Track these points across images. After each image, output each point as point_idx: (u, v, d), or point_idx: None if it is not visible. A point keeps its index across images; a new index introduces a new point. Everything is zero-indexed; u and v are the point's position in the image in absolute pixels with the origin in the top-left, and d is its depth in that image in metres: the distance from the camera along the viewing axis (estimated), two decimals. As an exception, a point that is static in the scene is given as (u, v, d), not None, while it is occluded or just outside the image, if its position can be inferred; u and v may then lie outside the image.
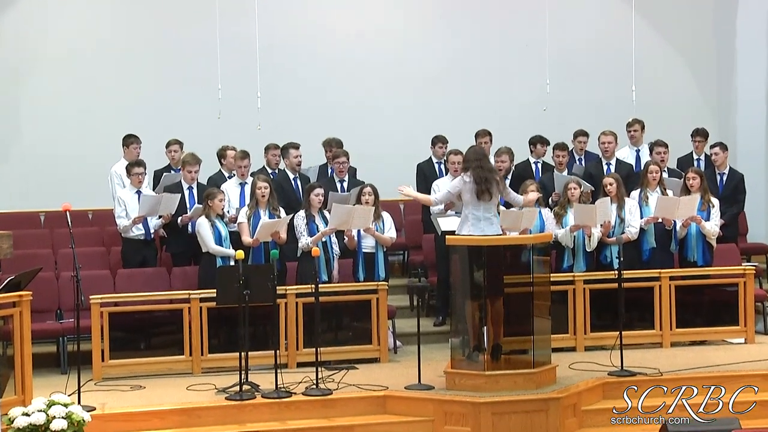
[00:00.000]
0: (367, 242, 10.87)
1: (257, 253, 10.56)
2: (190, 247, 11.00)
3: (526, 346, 9.23)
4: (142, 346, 10.50)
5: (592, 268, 11.00)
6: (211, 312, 10.07)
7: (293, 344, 10.26)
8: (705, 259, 11.23)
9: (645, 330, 10.93)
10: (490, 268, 9.07)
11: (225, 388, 9.26)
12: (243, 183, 11.32)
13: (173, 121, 13.57)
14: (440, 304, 11.75)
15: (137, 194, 11.19)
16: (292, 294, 10.27)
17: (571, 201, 11.10)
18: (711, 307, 11.27)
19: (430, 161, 12.57)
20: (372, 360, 10.46)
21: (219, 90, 12.98)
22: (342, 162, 11.75)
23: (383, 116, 14.62)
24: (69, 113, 14.02)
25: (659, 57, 15.33)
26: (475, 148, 9.74)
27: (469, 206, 9.27)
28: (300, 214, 10.74)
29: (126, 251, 11.35)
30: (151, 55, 14.26)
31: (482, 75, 14.99)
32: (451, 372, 9.23)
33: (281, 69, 14.24)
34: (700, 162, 12.72)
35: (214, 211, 10.59)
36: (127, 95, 14.08)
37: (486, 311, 9.09)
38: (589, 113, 14.25)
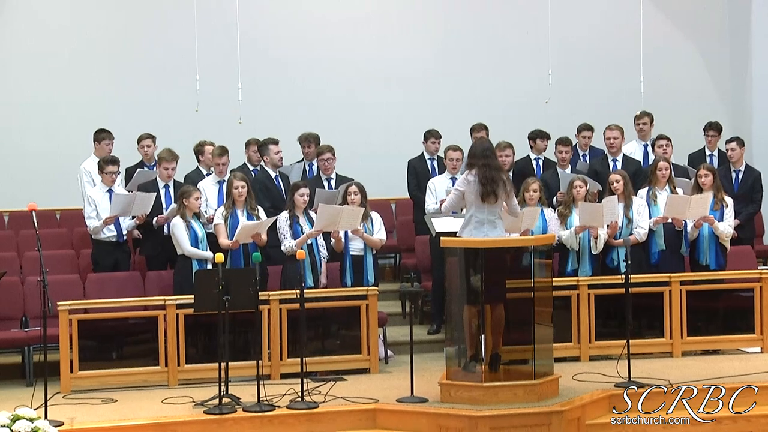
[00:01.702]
0: (356, 244, 10.89)
1: (237, 256, 10.58)
2: (166, 249, 11.00)
3: (526, 356, 9.24)
4: (114, 356, 10.51)
5: (597, 272, 11.03)
6: (189, 319, 10.07)
7: (277, 354, 10.26)
8: (718, 263, 11.26)
9: (654, 338, 10.97)
10: (489, 272, 9.07)
11: (203, 401, 9.27)
12: (221, 181, 11.33)
13: (147, 115, 13.60)
14: (434, 310, 11.77)
15: (109, 193, 11.19)
16: (276, 300, 10.28)
17: (576, 200, 11.12)
18: (725, 313, 11.32)
19: (422, 157, 12.58)
20: (361, 371, 10.48)
21: (197, 81, 12.99)
22: (328, 159, 11.75)
23: (372, 109, 14.66)
24: (35, 107, 14.02)
25: (669, 45, 15.39)
26: (481, 142, 9.57)
27: (471, 208, 9.25)
28: (283, 215, 10.76)
29: (97, 254, 11.34)
30: (124, 43, 14.27)
31: (479, 65, 15.03)
32: (446, 383, 9.23)
33: (264, 59, 14.27)
34: (713, 158, 12.78)
35: (189, 210, 10.60)
36: (98, 87, 14.09)
37: (484, 318, 9.10)
38: (594, 106, 14.30)
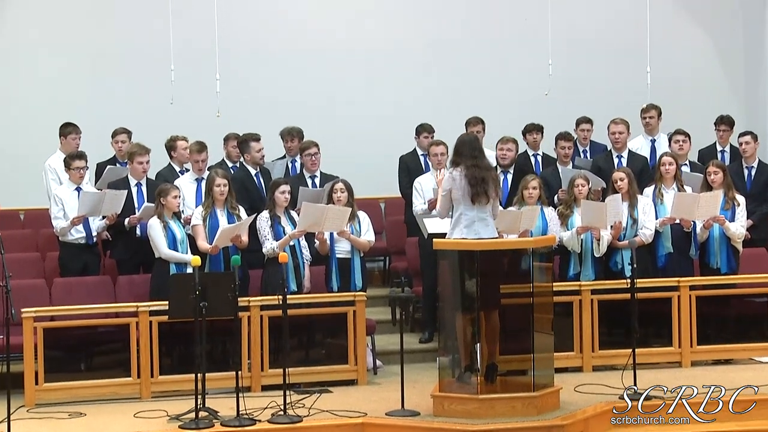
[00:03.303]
0: (342, 246, 10.90)
1: (215, 259, 10.57)
2: (139, 252, 11.01)
3: (525, 366, 9.28)
4: (83, 366, 10.49)
5: (601, 276, 11.05)
6: (163, 327, 10.08)
7: (257, 364, 10.28)
8: (730, 266, 11.29)
9: (661, 347, 11.02)
10: (485, 277, 9.10)
11: (179, 415, 9.27)
12: (199, 179, 11.33)
13: (117, 108, 13.61)
14: (427, 317, 11.78)
15: (77, 191, 11.18)
16: (256, 306, 10.30)
17: (578, 199, 11.14)
18: (737, 320, 11.37)
19: (414, 153, 12.60)
20: (348, 382, 10.50)
21: (171, 71, 12.99)
22: (314, 154, 11.74)
23: (360, 101, 14.67)
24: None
25: (678, 33, 15.43)
26: (468, 138, 9.58)
27: (460, 206, 9.28)
28: (264, 215, 10.76)
29: (64, 257, 11.34)
30: (91, 31, 14.23)
31: (474, 54, 15.04)
32: (439, 396, 9.26)
33: (244, 48, 14.27)
34: (724, 154, 12.81)
35: (168, 210, 10.59)
36: (64, 78, 14.09)
37: (479, 326, 9.12)
38: (598, 98, 14.34)
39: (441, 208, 9.55)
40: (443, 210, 9.52)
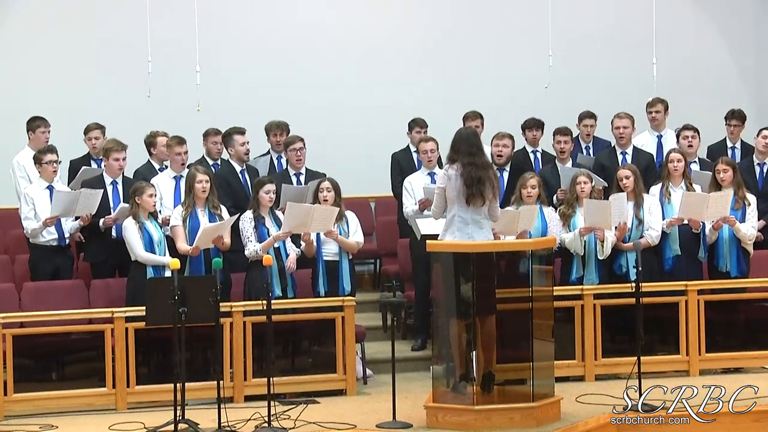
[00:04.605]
0: (329, 248, 10.92)
1: (196, 262, 10.59)
2: (114, 255, 11.01)
3: (524, 375, 9.30)
4: (54, 376, 10.52)
5: (604, 279, 11.08)
6: (140, 334, 10.08)
7: (240, 373, 10.29)
8: (740, 269, 11.31)
9: (668, 355, 11.05)
10: (481, 280, 9.12)
11: (156, 427, 9.26)
12: (178, 176, 11.34)
13: (90, 102, 13.62)
14: (419, 323, 11.80)
15: (49, 190, 11.18)
16: (239, 312, 10.31)
17: (580, 198, 11.16)
18: (748, 326, 11.40)
19: (407, 150, 12.61)
20: (336, 392, 10.51)
21: (149, 63, 12.99)
22: (298, 149, 11.77)
23: (349, 94, 14.67)
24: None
25: (686, 22, 15.47)
26: (466, 133, 9.56)
27: (454, 206, 9.29)
28: (247, 215, 10.78)
29: (35, 260, 11.33)
30: (63, 18, 14.21)
31: (470, 44, 15.05)
32: (432, 407, 9.28)
33: (225, 37, 14.27)
34: (735, 150, 12.82)
35: (143, 209, 10.60)
36: (32, 70, 14.03)
37: (475, 333, 9.15)
38: (601, 91, 14.39)
39: (435, 208, 9.56)
40: (437, 209, 9.54)
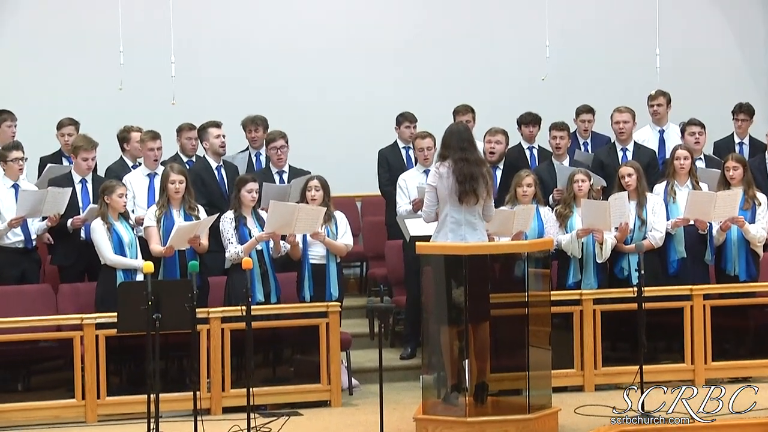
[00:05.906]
0: (316, 251, 10.91)
1: (170, 265, 10.59)
2: (83, 258, 11.00)
3: (519, 385, 9.31)
4: (20, 386, 10.47)
5: (604, 283, 11.10)
6: (111, 342, 10.08)
7: (218, 384, 10.29)
8: (749, 273, 11.34)
9: (672, 364, 11.05)
10: (474, 285, 9.12)
11: (129, 441, 9.31)
12: (152, 174, 11.33)
13: (58, 95, 13.58)
14: (409, 331, 11.81)
15: (14, 188, 11.15)
16: (217, 318, 10.31)
17: (577, 198, 11.17)
18: (757, 333, 11.41)
19: (395, 146, 12.63)
20: (321, 403, 10.51)
21: (120, 53, 12.95)
22: (281, 147, 11.77)
23: (333, 87, 14.67)
24: None
25: (691, 10, 15.48)
26: (457, 128, 9.59)
27: (446, 206, 9.30)
28: (227, 216, 10.77)
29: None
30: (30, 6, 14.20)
31: (462, 34, 15.05)
32: (422, 419, 9.27)
33: (202, 26, 14.26)
34: (743, 146, 12.85)
35: (113, 210, 10.59)
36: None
37: (468, 340, 9.15)
38: (600, 84, 14.42)
39: (427, 209, 9.55)
40: (428, 209, 9.53)
